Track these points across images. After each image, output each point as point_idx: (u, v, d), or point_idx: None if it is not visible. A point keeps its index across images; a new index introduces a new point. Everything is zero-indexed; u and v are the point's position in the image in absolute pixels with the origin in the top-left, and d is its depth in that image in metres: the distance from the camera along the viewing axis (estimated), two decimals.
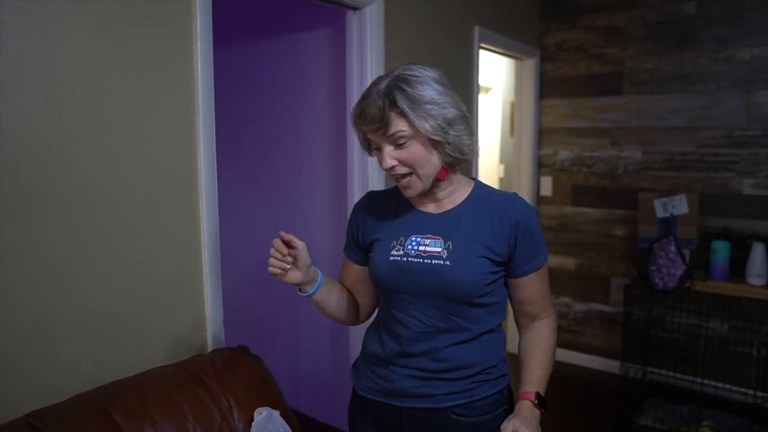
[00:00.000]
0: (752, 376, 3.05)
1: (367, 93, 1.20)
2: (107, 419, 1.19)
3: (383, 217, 1.36)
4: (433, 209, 1.32)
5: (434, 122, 1.17)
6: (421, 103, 1.17)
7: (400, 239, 1.30)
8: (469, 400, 1.27)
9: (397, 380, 1.28)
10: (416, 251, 1.27)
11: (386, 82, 1.19)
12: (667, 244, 2.79)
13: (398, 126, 1.17)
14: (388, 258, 1.29)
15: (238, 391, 1.40)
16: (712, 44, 3.13)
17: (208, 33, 1.63)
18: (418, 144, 1.19)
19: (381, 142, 1.20)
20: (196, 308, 1.66)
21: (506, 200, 1.30)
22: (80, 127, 1.34)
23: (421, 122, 1.16)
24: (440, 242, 1.26)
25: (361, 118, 1.20)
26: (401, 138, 1.18)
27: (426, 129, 1.17)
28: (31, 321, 1.28)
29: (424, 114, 1.17)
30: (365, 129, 1.21)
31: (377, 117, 1.17)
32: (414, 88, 1.17)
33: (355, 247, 1.41)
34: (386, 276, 1.29)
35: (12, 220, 1.23)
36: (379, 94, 1.17)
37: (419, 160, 1.20)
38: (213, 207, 1.68)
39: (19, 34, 1.23)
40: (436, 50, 2.67)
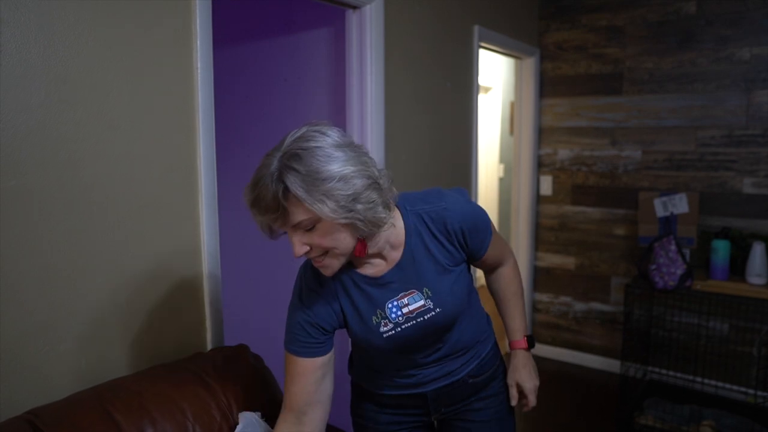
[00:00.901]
0: (752, 375, 3.05)
1: (258, 177, 1.03)
2: (107, 417, 1.19)
3: (340, 296, 1.22)
4: (383, 266, 1.22)
5: (335, 204, 1.01)
6: (319, 183, 1.00)
7: (378, 312, 1.21)
8: (477, 362, 1.39)
9: (417, 374, 1.34)
10: (403, 316, 1.21)
11: (277, 162, 1.01)
12: (668, 243, 2.79)
13: (298, 215, 1.03)
14: (382, 336, 1.22)
15: (238, 389, 1.40)
16: (712, 44, 3.13)
17: (208, 32, 1.63)
18: (326, 225, 1.05)
19: (286, 229, 1.07)
20: (195, 307, 1.66)
21: (438, 215, 1.22)
22: (81, 126, 1.35)
23: (319, 207, 1.00)
24: (418, 294, 1.22)
25: (255, 206, 1.04)
26: (305, 224, 1.04)
27: (326, 214, 1.01)
28: (31, 320, 1.28)
29: (322, 197, 1.00)
30: (263, 219, 1.06)
31: (272, 207, 1.02)
32: (308, 165, 1.00)
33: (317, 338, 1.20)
34: (388, 348, 1.24)
35: (12, 218, 1.23)
36: (272, 178, 1.01)
37: (331, 240, 1.07)
38: (213, 206, 1.68)
39: (20, 32, 1.23)
40: (435, 49, 2.67)
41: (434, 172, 2.72)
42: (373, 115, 2.26)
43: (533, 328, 3.93)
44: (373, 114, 2.26)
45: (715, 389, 3.04)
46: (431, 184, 2.52)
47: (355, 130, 2.28)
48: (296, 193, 0.99)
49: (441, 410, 1.39)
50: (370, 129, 2.26)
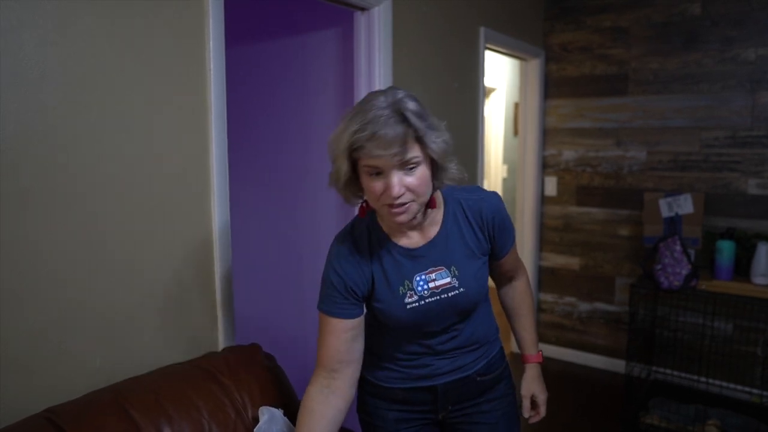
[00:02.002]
0: (757, 375, 3.06)
1: (372, 116, 1.06)
2: (124, 415, 1.21)
3: (373, 263, 1.27)
4: (418, 239, 1.28)
5: (444, 147, 1.14)
6: (432, 129, 1.12)
7: (406, 284, 1.26)
8: (486, 361, 1.43)
9: (430, 364, 1.37)
10: (429, 290, 1.26)
11: (391, 107, 1.08)
12: (673, 244, 2.80)
13: (414, 151, 1.10)
14: (405, 307, 1.26)
15: (252, 388, 1.42)
16: (717, 44, 3.14)
17: (220, 33, 1.64)
18: (424, 169, 1.14)
19: (389, 167, 1.10)
20: (207, 306, 1.67)
21: (476, 203, 1.32)
22: (96, 127, 1.36)
23: (434, 146, 1.11)
24: (445, 272, 1.28)
25: (373, 141, 1.06)
26: (413, 163, 1.11)
27: (437, 152, 1.13)
28: (46, 319, 1.29)
29: (434, 138, 1.12)
30: (378, 153, 1.07)
31: (397, 141, 1.06)
32: (422, 115, 1.11)
33: (351, 301, 1.26)
34: (408, 323, 1.28)
35: (30, 218, 1.25)
36: (391, 115, 1.07)
37: (424, 186, 1.14)
38: (225, 206, 1.69)
39: (38, 33, 1.24)
40: (442, 51, 2.68)
41: None
42: None
43: (538, 328, 3.93)
44: None
45: (720, 389, 3.05)
46: None
47: None
48: (418, 128, 1.09)
49: (448, 407, 1.41)
50: None
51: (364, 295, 1.28)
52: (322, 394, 1.24)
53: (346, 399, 1.26)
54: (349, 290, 1.25)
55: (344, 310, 1.25)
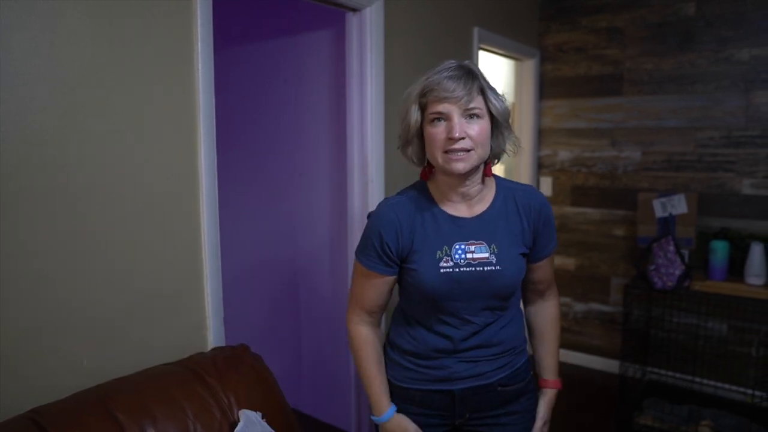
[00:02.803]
0: (751, 375, 3.06)
1: (443, 67, 1.25)
2: (109, 416, 1.21)
3: (415, 226, 1.33)
4: (465, 212, 1.34)
5: (503, 109, 1.27)
6: (495, 92, 1.27)
7: (444, 249, 1.30)
8: (510, 371, 1.42)
9: (448, 367, 1.37)
10: (465, 260, 1.30)
11: (458, 64, 1.26)
12: (666, 244, 2.80)
13: (477, 102, 1.23)
14: (439, 271, 1.29)
15: (238, 389, 1.42)
16: (711, 45, 3.14)
17: (208, 34, 1.64)
18: (486, 122, 1.25)
19: (453, 112, 1.22)
20: (196, 307, 1.67)
21: (526, 194, 1.37)
22: (83, 129, 1.36)
23: (497, 103, 1.25)
24: (485, 247, 1.31)
25: (441, 85, 1.22)
26: (476, 112, 1.23)
27: (498, 110, 1.25)
28: (33, 319, 1.30)
29: (497, 100, 1.26)
30: (445, 95, 1.21)
31: (463, 88, 1.21)
32: (485, 76, 1.28)
33: (388, 260, 1.35)
34: (439, 288, 1.31)
35: (15, 220, 1.25)
36: (460, 70, 1.23)
37: (484, 137, 1.25)
38: (213, 206, 1.69)
39: (24, 35, 1.24)
40: (435, 51, 2.68)
41: None
42: (373, 117, 2.27)
43: None
44: (373, 115, 2.27)
45: (714, 389, 3.05)
46: None
47: (355, 131, 2.29)
48: (483, 84, 1.25)
49: (466, 415, 1.39)
50: (370, 130, 2.27)
51: (400, 256, 1.34)
52: (370, 333, 1.42)
53: (380, 333, 1.47)
54: (386, 248, 1.33)
55: (382, 267, 1.36)
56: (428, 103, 1.25)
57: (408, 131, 1.30)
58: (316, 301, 2.67)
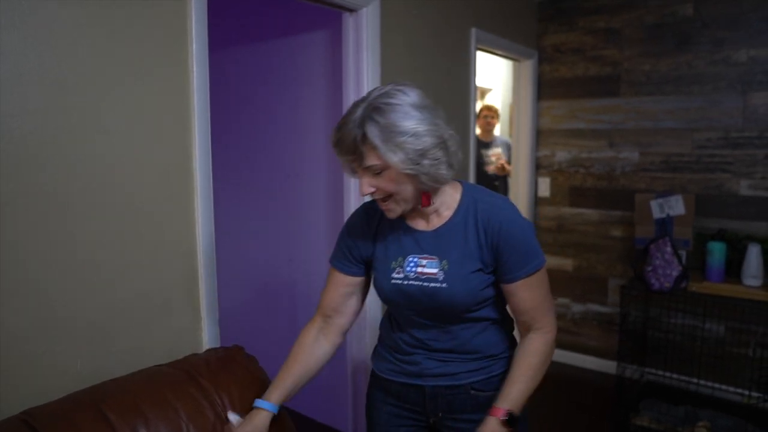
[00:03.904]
0: (748, 376, 3.05)
1: (344, 122, 1.19)
2: (101, 418, 1.21)
3: (380, 233, 1.37)
4: (424, 226, 1.33)
5: (404, 156, 1.16)
6: (394, 135, 1.15)
7: (399, 260, 1.32)
8: (486, 376, 1.37)
9: (420, 362, 1.37)
10: (415, 273, 1.30)
11: (361, 111, 1.17)
12: (663, 245, 2.80)
13: (371, 160, 1.18)
14: (390, 281, 1.32)
15: (232, 390, 1.41)
16: (708, 46, 3.14)
17: (203, 34, 1.64)
18: (392, 173, 1.19)
19: (357, 170, 1.22)
20: (191, 308, 1.67)
21: (489, 208, 1.29)
22: (77, 130, 1.36)
23: (390, 156, 1.15)
24: (436, 262, 1.29)
25: (337, 147, 1.21)
26: (374, 169, 1.19)
27: (395, 163, 1.16)
28: (26, 321, 1.29)
29: (394, 147, 1.15)
30: (342, 159, 1.22)
31: (351, 149, 1.18)
32: (387, 119, 1.15)
33: (351, 260, 1.40)
34: (391, 298, 1.34)
35: (7, 221, 1.25)
36: (354, 124, 1.17)
37: (393, 186, 1.21)
38: (208, 208, 1.69)
39: (16, 35, 1.24)
40: (432, 52, 2.68)
41: None
42: None
43: None
44: None
45: (711, 390, 3.05)
46: None
47: None
48: (373, 141, 1.15)
49: (438, 413, 1.39)
50: None
51: (364, 259, 1.39)
52: (313, 334, 1.42)
53: (332, 344, 1.44)
54: (350, 250, 1.39)
55: (344, 266, 1.40)
56: None
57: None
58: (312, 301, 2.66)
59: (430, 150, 1.18)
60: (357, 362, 2.42)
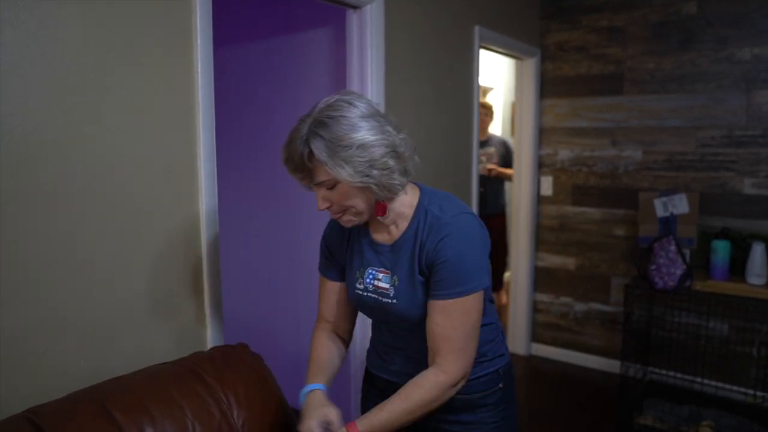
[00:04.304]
0: (752, 375, 3.05)
1: (290, 139, 1.16)
2: (106, 416, 1.20)
3: (349, 242, 1.37)
4: (385, 239, 1.31)
5: (352, 169, 1.12)
6: (340, 149, 1.11)
7: (361, 270, 1.33)
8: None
9: (394, 361, 1.39)
10: (372, 286, 1.31)
11: (306, 127, 1.14)
12: (667, 244, 2.79)
13: (320, 176, 1.16)
14: (354, 290, 1.35)
15: (237, 388, 1.41)
16: (712, 44, 3.13)
17: (208, 31, 1.63)
18: (344, 187, 1.17)
19: (311, 185, 1.21)
20: (195, 306, 1.66)
21: (435, 222, 1.22)
22: (81, 126, 1.35)
23: (338, 171, 1.12)
24: (389, 277, 1.29)
25: (287, 164, 1.19)
26: (325, 184, 1.17)
27: (344, 177, 1.13)
28: (30, 319, 1.28)
29: (341, 162, 1.11)
30: (293, 176, 1.20)
31: (300, 166, 1.16)
32: (332, 133, 1.11)
33: (333, 265, 1.41)
34: (356, 306, 1.40)
35: (12, 218, 1.24)
36: (301, 141, 1.14)
37: (348, 198, 1.19)
38: (213, 206, 1.68)
39: (20, 32, 1.23)
40: (436, 49, 2.67)
41: (434, 172, 2.73)
42: None
43: (534, 328, 3.93)
44: None
45: (715, 389, 3.04)
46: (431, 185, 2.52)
47: None
48: (319, 157, 1.12)
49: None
50: None
51: (342, 264, 1.40)
52: (324, 336, 1.43)
53: (346, 341, 1.47)
54: (331, 255, 1.40)
55: (331, 273, 1.41)
56: None
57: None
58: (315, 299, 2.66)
59: (379, 160, 1.14)
60: (358, 362, 2.41)
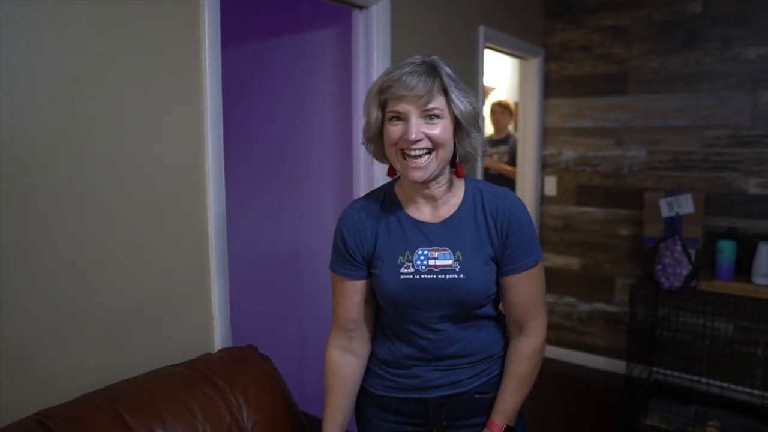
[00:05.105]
0: (758, 376, 3.04)
1: (403, 64, 1.16)
2: (117, 418, 1.19)
3: (381, 229, 1.28)
4: (430, 217, 1.27)
5: (466, 108, 1.18)
6: (460, 90, 1.18)
7: (407, 254, 1.25)
8: (487, 378, 1.33)
9: (421, 375, 1.30)
10: (427, 266, 1.23)
11: (422, 60, 1.17)
12: (673, 244, 2.79)
13: (438, 102, 1.16)
14: (399, 277, 1.24)
15: (247, 390, 1.40)
16: (717, 43, 3.12)
17: (216, 31, 1.62)
18: (447, 123, 1.17)
19: (411, 112, 1.15)
20: (203, 307, 1.66)
21: (495, 198, 1.27)
22: (90, 125, 1.34)
23: (457, 103, 1.16)
24: (449, 254, 1.23)
25: (400, 82, 1.13)
26: (436, 112, 1.15)
27: (461, 111, 1.17)
28: (40, 320, 1.28)
29: (460, 96, 1.17)
30: (403, 93, 1.13)
31: (422, 86, 1.13)
32: (453, 75, 1.19)
33: (355, 263, 1.30)
34: (399, 295, 1.25)
35: (21, 217, 1.23)
36: (423, 66, 1.15)
37: (444, 138, 1.17)
38: (220, 206, 1.68)
39: (32, 30, 1.23)
40: (441, 49, 2.67)
41: None
42: None
43: None
44: None
45: (721, 390, 3.03)
46: None
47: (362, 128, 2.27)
48: (447, 85, 1.16)
49: (443, 423, 1.33)
50: None
51: (365, 258, 1.30)
52: (344, 357, 1.34)
53: (363, 356, 1.36)
54: (350, 251, 1.29)
55: (348, 271, 1.30)
56: (387, 101, 1.18)
57: (369, 128, 1.24)
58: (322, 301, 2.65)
59: (477, 115, 1.21)
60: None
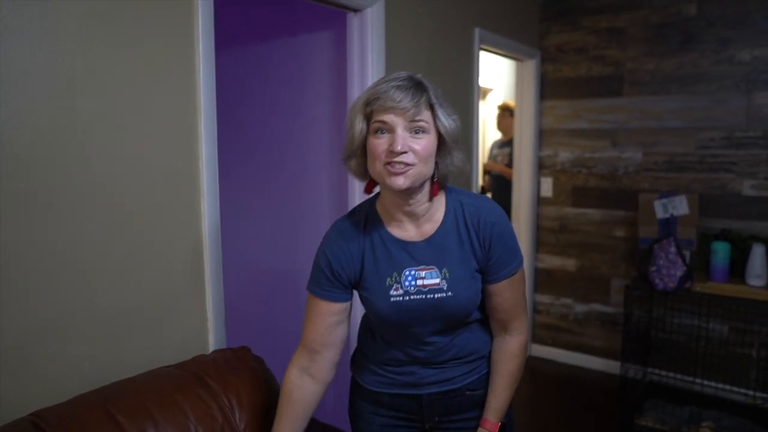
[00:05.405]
0: (752, 377, 3.06)
1: (389, 79, 1.16)
2: (110, 419, 1.20)
3: (365, 250, 1.28)
4: (414, 234, 1.27)
5: (452, 128, 1.20)
6: (445, 107, 1.20)
7: (394, 276, 1.25)
8: (477, 376, 1.37)
9: (415, 372, 1.34)
10: (415, 287, 1.24)
11: (408, 75, 1.18)
12: (667, 245, 2.80)
13: (424, 115, 1.16)
14: (389, 299, 1.25)
15: (240, 391, 1.41)
16: (712, 45, 3.13)
17: (209, 34, 1.63)
18: (431, 139, 1.18)
19: (398, 124, 1.14)
20: (197, 309, 1.67)
21: (476, 210, 1.27)
22: (85, 128, 1.35)
23: (442, 119, 1.18)
24: (436, 272, 1.25)
25: (388, 95, 1.13)
26: (422, 126, 1.16)
27: (446, 128, 1.19)
28: (35, 321, 1.29)
29: (446, 114, 1.19)
30: (391, 105, 1.13)
31: (409, 99, 1.13)
32: (435, 90, 1.20)
33: (337, 285, 1.28)
34: (390, 317, 1.26)
35: (19, 219, 1.24)
36: (409, 81, 1.16)
37: (428, 153, 1.16)
38: (215, 208, 1.69)
39: (27, 34, 1.24)
40: (436, 52, 2.68)
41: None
42: None
43: (533, 330, 3.93)
44: None
45: (715, 391, 3.04)
46: None
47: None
48: (433, 101, 1.18)
49: (435, 418, 1.37)
50: None
51: (351, 281, 1.29)
52: (301, 379, 1.31)
53: (323, 382, 1.34)
54: (336, 274, 1.27)
55: (329, 293, 1.28)
56: (373, 113, 1.17)
57: (352, 142, 1.21)
58: None
59: (459, 136, 1.23)
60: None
